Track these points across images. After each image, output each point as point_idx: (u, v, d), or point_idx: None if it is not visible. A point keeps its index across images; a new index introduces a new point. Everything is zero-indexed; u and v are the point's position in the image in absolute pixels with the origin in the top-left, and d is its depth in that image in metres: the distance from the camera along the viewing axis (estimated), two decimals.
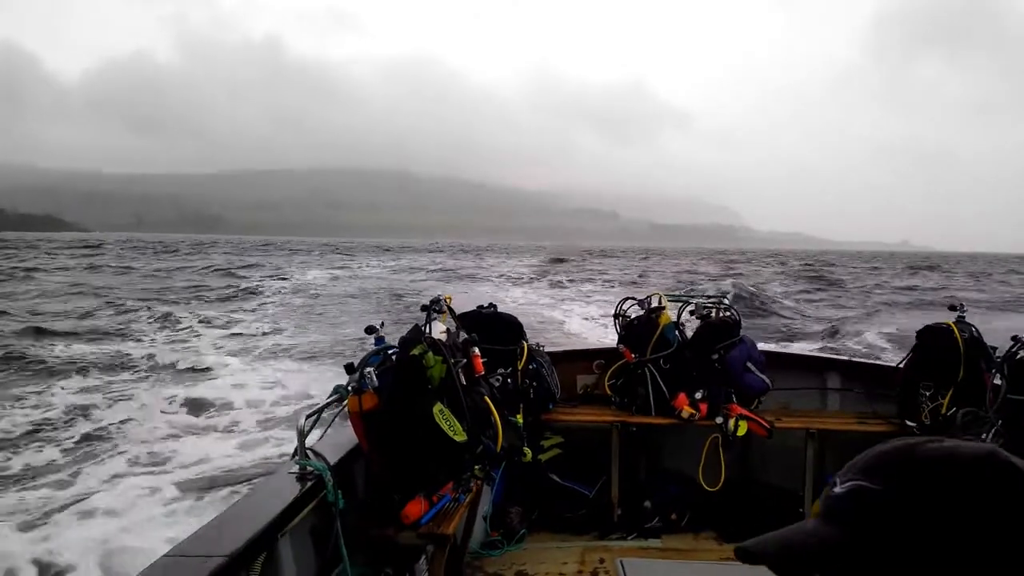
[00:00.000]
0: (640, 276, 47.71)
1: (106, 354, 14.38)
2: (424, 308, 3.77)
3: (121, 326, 18.87)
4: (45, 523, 6.48)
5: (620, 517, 4.78)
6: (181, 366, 13.28)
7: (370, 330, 3.36)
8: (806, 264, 76.82)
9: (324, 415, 3.07)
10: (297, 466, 2.78)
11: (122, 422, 9.56)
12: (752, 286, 33.47)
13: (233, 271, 44.53)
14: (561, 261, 69.96)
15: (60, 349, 14.78)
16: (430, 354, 3.14)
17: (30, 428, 9.37)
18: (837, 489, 0.84)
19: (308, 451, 2.82)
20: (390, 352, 3.23)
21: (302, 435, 2.80)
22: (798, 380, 5.35)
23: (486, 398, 3.41)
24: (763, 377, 4.85)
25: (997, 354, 4.50)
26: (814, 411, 5.25)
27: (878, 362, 6.60)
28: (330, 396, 3.09)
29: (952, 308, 4.84)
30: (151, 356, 14.07)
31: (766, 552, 0.84)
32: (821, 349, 15.99)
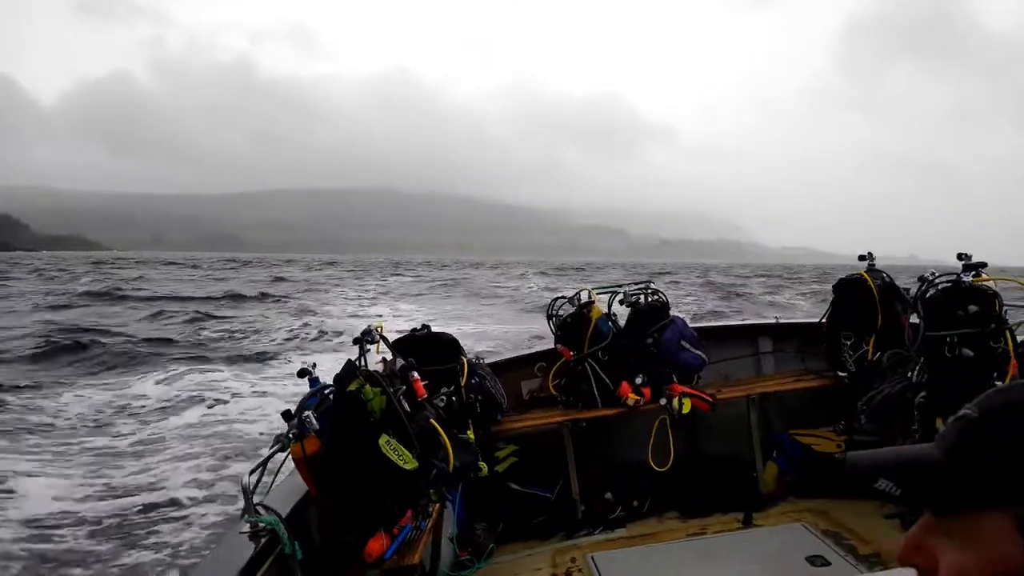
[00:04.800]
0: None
1: None
2: (356, 341, 3.70)
3: None
4: None
5: (584, 513, 4.80)
6: None
7: (302, 373, 3.27)
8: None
9: (269, 467, 2.97)
10: (248, 524, 2.68)
11: None
12: None
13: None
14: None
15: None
16: (367, 387, 3.08)
17: None
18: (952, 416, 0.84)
19: (258, 507, 2.72)
20: (327, 392, 3.15)
21: (248, 492, 2.70)
22: (732, 350, 5.50)
23: (432, 420, 3.36)
24: (698, 353, 4.97)
25: (910, 295, 4.72)
26: (752, 377, 5.41)
27: (805, 320, 6.83)
28: (272, 447, 2.99)
29: (862, 258, 5.04)
30: None
31: (871, 462, 0.82)
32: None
